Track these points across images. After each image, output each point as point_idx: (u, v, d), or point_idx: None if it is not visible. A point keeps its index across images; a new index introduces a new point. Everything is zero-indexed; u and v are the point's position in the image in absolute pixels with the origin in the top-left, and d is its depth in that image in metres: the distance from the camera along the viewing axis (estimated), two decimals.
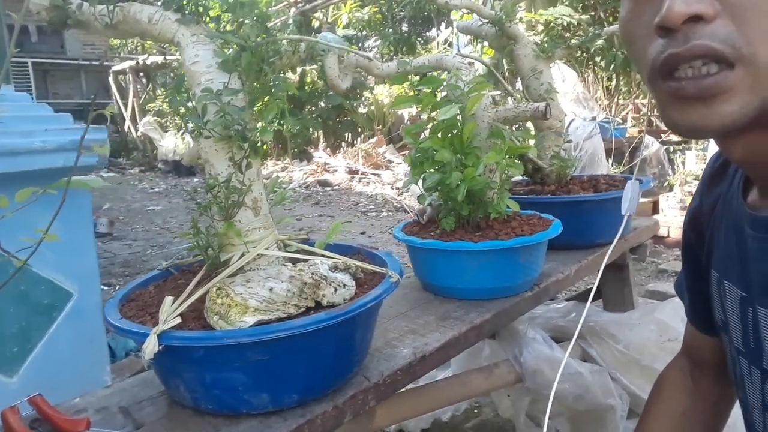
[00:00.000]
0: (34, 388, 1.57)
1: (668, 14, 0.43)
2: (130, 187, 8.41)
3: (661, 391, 0.86)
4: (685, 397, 0.82)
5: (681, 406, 0.82)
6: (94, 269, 1.65)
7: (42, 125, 1.46)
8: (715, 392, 0.80)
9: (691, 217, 0.74)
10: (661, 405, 0.85)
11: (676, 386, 0.84)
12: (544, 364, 1.28)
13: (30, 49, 9.97)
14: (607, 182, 1.50)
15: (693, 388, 0.82)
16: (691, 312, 0.79)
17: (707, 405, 0.80)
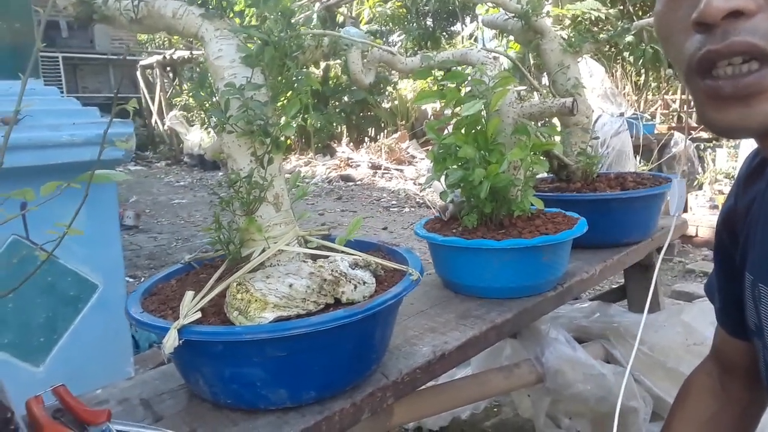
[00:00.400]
0: (60, 377, 1.60)
1: (707, 9, 0.41)
2: (157, 181, 8.55)
3: (687, 395, 0.84)
4: (713, 401, 0.80)
5: (708, 410, 0.80)
6: (119, 262, 1.67)
7: (70, 119, 1.48)
8: (745, 397, 0.77)
9: (724, 217, 0.71)
10: (687, 409, 0.83)
11: (704, 390, 0.82)
12: (566, 364, 1.27)
13: (61, 44, 10.18)
14: (634, 180, 1.47)
15: (721, 393, 0.80)
16: (722, 315, 0.77)
17: (736, 411, 0.78)
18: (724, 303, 0.75)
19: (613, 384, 1.28)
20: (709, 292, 0.80)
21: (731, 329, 0.75)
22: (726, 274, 0.73)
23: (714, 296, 0.78)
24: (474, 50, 1.19)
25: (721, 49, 0.42)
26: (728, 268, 0.71)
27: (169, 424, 0.74)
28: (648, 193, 1.32)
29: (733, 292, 0.69)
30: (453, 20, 11.44)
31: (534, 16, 1.34)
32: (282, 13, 0.79)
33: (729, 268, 0.71)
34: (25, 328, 1.48)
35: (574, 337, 1.46)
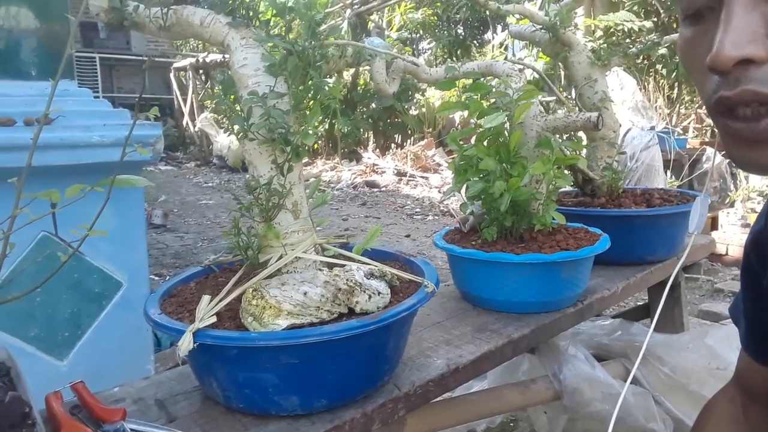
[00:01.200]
0: (82, 372, 1.64)
1: (717, 57, 0.41)
2: (186, 181, 8.69)
3: (708, 420, 0.82)
4: (734, 427, 0.78)
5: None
6: (144, 261, 1.70)
7: (101, 120, 1.52)
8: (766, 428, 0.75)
9: (754, 238, 0.69)
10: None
11: (725, 416, 0.80)
12: (584, 382, 1.24)
13: (98, 44, 10.46)
14: (661, 197, 1.44)
15: (743, 420, 0.77)
16: (747, 339, 0.74)
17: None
18: (749, 327, 0.73)
19: (633, 405, 1.25)
20: (734, 315, 0.78)
21: (756, 355, 0.72)
22: (753, 297, 0.70)
23: (739, 319, 0.75)
24: (499, 62, 1.19)
25: (733, 97, 0.42)
26: (755, 291, 0.69)
27: (182, 426, 0.75)
28: (674, 211, 1.29)
29: (759, 316, 0.67)
30: (484, 29, 11.41)
31: (562, 29, 1.33)
32: (306, 23, 0.80)
33: (756, 292, 0.69)
34: (51, 322, 1.52)
35: (594, 354, 1.43)
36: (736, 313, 0.77)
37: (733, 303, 0.78)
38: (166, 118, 11.75)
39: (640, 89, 4.20)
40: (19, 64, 1.54)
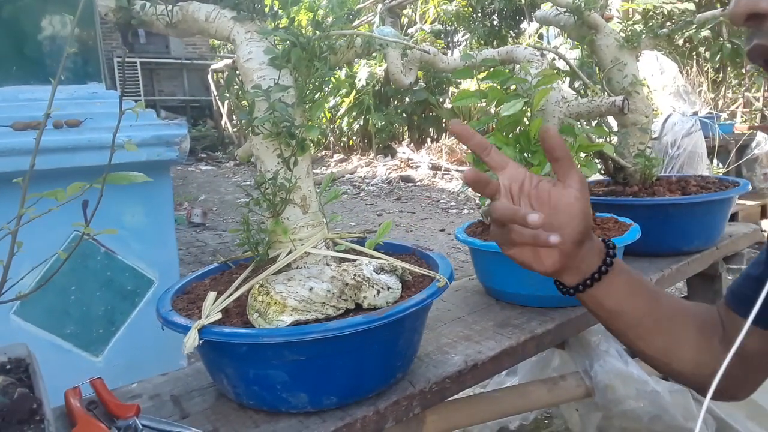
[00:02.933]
0: (117, 367, 1.69)
1: (730, 12, 0.43)
2: (225, 180, 8.87)
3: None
4: (709, 325, 0.69)
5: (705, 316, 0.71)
6: (174, 258, 1.73)
7: (128, 121, 1.55)
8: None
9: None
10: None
11: (711, 311, 0.72)
12: (616, 379, 1.19)
13: (139, 49, 10.78)
14: (698, 184, 1.37)
15: (719, 330, 0.69)
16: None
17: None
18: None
19: (669, 402, 1.20)
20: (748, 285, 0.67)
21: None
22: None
23: (749, 283, 0.65)
24: (520, 47, 1.15)
25: (749, 53, 0.43)
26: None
27: (195, 422, 0.75)
28: (710, 199, 1.22)
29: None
30: (519, 18, 11.19)
31: (587, 11, 1.27)
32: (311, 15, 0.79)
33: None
34: (86, 319, 1.57)
35: (629, 350, 1.38)
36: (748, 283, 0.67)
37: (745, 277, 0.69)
38: (206, 119, 12.00)
39: (682, 74, 4.02)
40: (49, 69, 1.59)
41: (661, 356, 0.70)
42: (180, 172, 9.24)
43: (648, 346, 0.69)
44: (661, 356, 0.70)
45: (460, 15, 11.02)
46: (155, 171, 1.59)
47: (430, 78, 8.97)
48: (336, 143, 10.48)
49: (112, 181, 0.58)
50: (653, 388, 1.20)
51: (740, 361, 0.66)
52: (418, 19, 10.94)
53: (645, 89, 1.36)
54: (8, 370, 0.69)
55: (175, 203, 5.17)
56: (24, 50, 1.57)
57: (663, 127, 3.38)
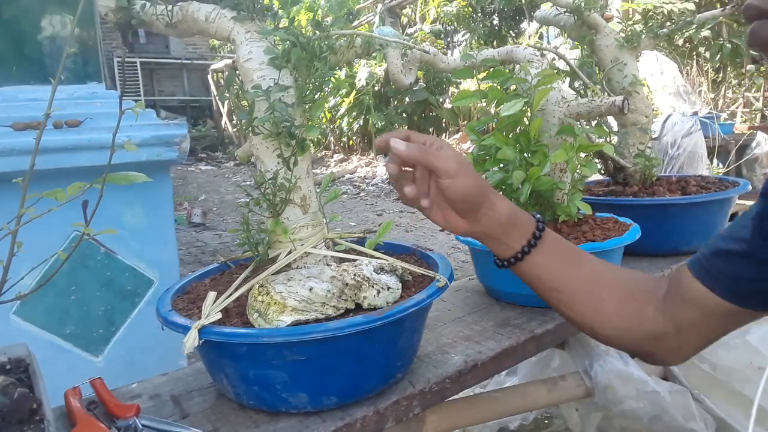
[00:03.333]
0: (117, 367, 1.68)
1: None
2: (225, 180, 8.87)
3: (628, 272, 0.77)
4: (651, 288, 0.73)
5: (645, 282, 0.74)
6: (174, 258, 1.73)
7: (128, 121, 1.55)
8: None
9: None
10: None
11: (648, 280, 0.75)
12: (616, 379, 1.19)
13: (139, 49, 10.78)
14: (698, 184, 1.37)
15: (659, 300, 0.71)
16: (732, 283, 0.65)
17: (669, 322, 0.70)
18: (737, 269, 0.64)
19: (669, 403, 1.20)
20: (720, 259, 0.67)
21: (723, 288, 0.65)
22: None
23: (732, 263, 0.65)
24: (520, 48, 1.15)
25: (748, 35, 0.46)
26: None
27: (194, 422, 0.75)
28: (710, 199, 1.22)
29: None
30: (519, 18, 11.19)
31: (587, 11, 1.27)
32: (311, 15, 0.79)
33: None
34: (86, 319, 1.57)
35: None
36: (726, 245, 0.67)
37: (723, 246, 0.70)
38: (206, 119, 12.00)
39: (682, 74, 4.02)
40: (49, 69, 1.58)
41: (585, 320, 0.74)
42: (180, 172, 9.24)
43: (570, 312, 0.74)
44: (585, 320, 0.74)
45: (460, 15, 11.02)
46: (155, 171, 1.59)
47: (430, 78, 8.97)
48: (336, 143, 10.48)
49: (112, 181, 0.58)
50: (653, 388, 1.20)
51: (678, 329, 0.69)
52: (418, 19, 10.94)
53: (645, 89, 1.36)
54: (8, 370, 0.69)
55: (175, 203, 5.17)
56: (24, 50, 1.57)
57: (663, 127, 3.38)
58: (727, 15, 1.29)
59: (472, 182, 0.70)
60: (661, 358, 0.75)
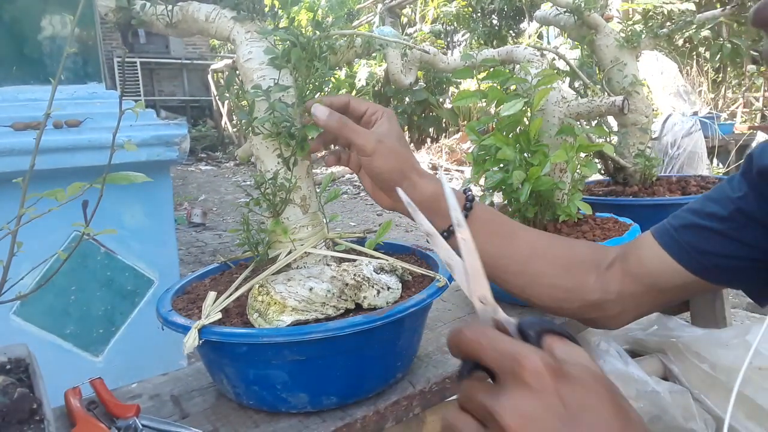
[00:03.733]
0: (117, 367, 1.69)
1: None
2: (225, 180, 8.87)
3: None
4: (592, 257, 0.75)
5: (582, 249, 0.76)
6: (174, 258, 1.73)
7: (128, 121, 1.55)
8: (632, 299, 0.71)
9: None
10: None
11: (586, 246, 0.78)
12: (616, 379, 1.19)
13: (139, 49, 10.79)
14: (698, 184, 1.37)
15: (602, 271, 0.73)
16: (699, 255, 0.66)
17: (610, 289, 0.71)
18: (701, 236, 0.66)
19: (669, 403, 1.20)
20: (681, 221, 0.69)
21: (693, 266, 0.66)
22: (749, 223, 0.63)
23: (687, 224, 0.68)
24: (520, 48, 1.15)
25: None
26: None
27: (194, 422, 0.75)
28: None
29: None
30: (519, 18, 11.20)
31: (587, 11, 1.27)
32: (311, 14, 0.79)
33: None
34: (86, 319, 1.57)
35: (630, 350, 1.38)
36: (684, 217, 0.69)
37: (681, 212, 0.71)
38: (206, 119, 11.99)
39: (682, 74, 4.02)
40: (49, 69, 1.59)
41: (519, 292, 0.76)
42: (180, 172, 9.24)
43: (505, 284, 0.76)
44: (519, 292, 0.76)
45: (460, 15, 11.02)
46: (155, 171, 1.59)
47: (430, 78, 8.97)
48: None
49: (112, 181, 0.58)
50: (653, 388, 1.20)
51: (620, 297, 0.71)
52: (418, 19, 10.94)
53: (645, 89, 1.36)
54: (8, 370, 0.69)
55: (175, 203, 5.16)
56: (24, 50, 1.57)
57: (663, 127, 3.38)
58: (727, 15, 1.30)
59: (390, 162, 0.71)
60: (603, 324, 0.77)
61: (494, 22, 11.24)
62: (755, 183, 0.63)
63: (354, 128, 0.71)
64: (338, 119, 0.71)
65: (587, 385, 0.37)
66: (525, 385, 0.36)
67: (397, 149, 0.73)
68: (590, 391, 0.37)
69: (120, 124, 0.87)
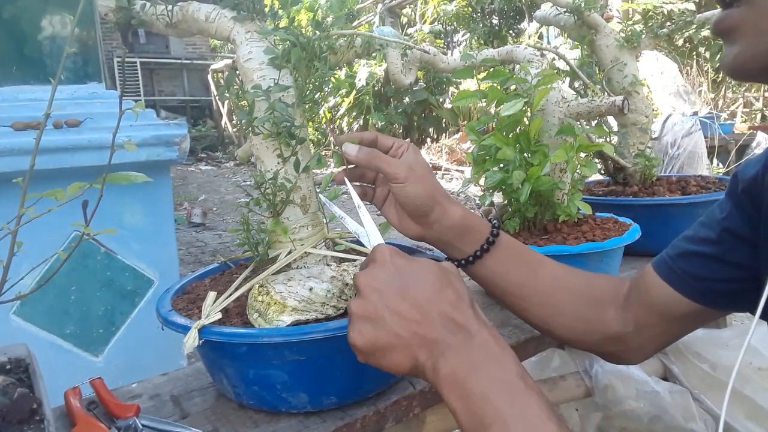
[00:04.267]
0: (117, 367, 1.69)
1: None
2: (225, 180, 8.87)
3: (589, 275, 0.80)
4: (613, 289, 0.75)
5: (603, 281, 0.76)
6: (174, 258, 1.74)
7: (128, 121, 1.55)
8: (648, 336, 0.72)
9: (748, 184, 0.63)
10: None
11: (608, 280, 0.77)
12: (616, 379, 1.19)
13: (139, 49, 10.79)
14: (698, 184, 1.37)
15: (621, 304, 0.73)
16: (696, 283, 0.66)
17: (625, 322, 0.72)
18: (696, 262, 0.66)
19: (669, 402, 1.20)
20: (678, 249, 0.70)
21: (693, 294, 0.67)
22: (735, 239, 0.64)
23: (683, 252, 0.68)
24: (520, 47, 1.15)
25: None
26: (743, 234, 0.63)
27: (194, 422, 0.75)
28: (710, 199, 1.22)
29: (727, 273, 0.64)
30: (519, 18, 11.20)
31: (587, 11, 1.27)
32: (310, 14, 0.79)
33: (744, 234, 0.63)
34: (86, 319, 1.57)
35: None
36: (681, 246, 0.70)
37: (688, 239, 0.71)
38: (206, 119, 11.99)
39: (683, 74, 4.02)
40: (49, 69, 1.59)
41: (542, 324, 0.76)
42: (180, 172, 9.24)
43: (526, 314, 0.76)
44: (542, 324, 0.76)
45: (459, 15, 11.03)
46: (155, 171, 1.59)
47: (430, 78, 8.97)
48: None
49: (112, 181, 0.58)
50: (653, 388, 1.20)
51: (639, 329, 0.71)
52: (417, 19, 10.94)
53: (645, 89, 1.36)
54: (8, 370, 0.69)
55: (175, 203, 5.16)
56: (24, 50, 1.57)
57: (663, 127, 3.38)
58: None
59: (422, 188, 0.72)
60: (624, 358, 0.76)
61: (494, 22, 11.24)
62: (740, 200, 0.63)
63: (385, 158, 0.72)
64: (368, 152, 0.72)
65: (421, 261, 0.58)
66: (372, 261, 0.59)
67: (428, 176, 0.74)
68: (422, 264, 0.57)
69: (120, 124, 0.87)
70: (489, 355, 0.52)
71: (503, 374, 0.51)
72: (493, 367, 0.52)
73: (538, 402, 0.49)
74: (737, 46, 0.48)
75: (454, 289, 0.56)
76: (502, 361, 0.52)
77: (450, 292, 0.55)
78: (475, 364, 0.51)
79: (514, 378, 0.51)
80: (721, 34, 0.50)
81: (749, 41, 0.47)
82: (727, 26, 0.49)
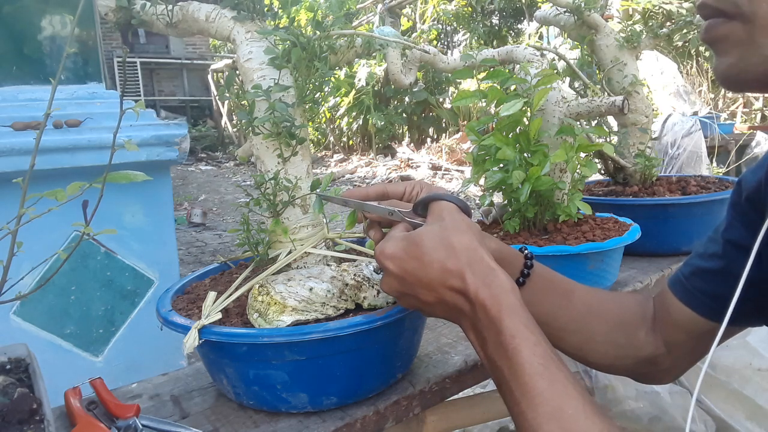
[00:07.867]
0: (117, 367, 1.68)
1: None
2: (225, 180, 8.87)
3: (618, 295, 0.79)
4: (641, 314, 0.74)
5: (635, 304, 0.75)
6: (174, 258, 1.73)
7: (128, 121, 1.55)
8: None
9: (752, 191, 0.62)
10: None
11: (637, 302, 0.76)
12: (616, 379, 1.20)
13: (139, 49, 10.79)
14: (698, 184, 1.37)
15: (650, 326, 0.72)
16: (711, 301, 0.66)
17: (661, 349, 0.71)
18: (710, 280, 0.66)
19: (669, 403, 1.20)
20: (691, 267, 0.69)
21: (707, 311, 0.66)
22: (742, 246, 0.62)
23: (697, 271, 0.67)
24: (520, 48, 1.15)
25: None
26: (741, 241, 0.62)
27: (194, 422, 0.75)
28: (710, 199, 1.22)
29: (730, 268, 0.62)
30: (520, 18, 11.20)
31: (587, 11, 1.27)
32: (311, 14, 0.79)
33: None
34: (86, 319, 1.57)
35: None
36: (693, 264, 0.69)
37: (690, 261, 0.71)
38: (206, 119, 11.99)
39: (682, 74, 4.02)
40: (49, 69, 1.59)
41: (576, 351, 0.74)
42: (180, 172, 9.24)
43: (561, 342, 0.73)
44: (576, 351, 0.74)
45: (459, 15, 11.02)
46: (155, 171, 1.59)
47: (430, 78, 8.97)
48: (336, 143, 10.48)
49: (112, 180, 0.58)
50: (653, 388, 1.20)
51: (669, 349, 0.71)
52: (417, 18, 10.94)
53: (645, 89, 1.36)
54: (8, 370, 0.69)
55: (175, 203, 5.16)
56: (24, 50, 1.57)
57: (663, 127, 3.38)
58: None
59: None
60: (657, 378, 0.76)
61: (494, 22, 11.24)
62: (743, 209, 0.63)
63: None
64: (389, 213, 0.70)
65: (427, 230, 0.60)
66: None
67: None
68: (427, 232, 0.59)
69: (120, 124, 0.87)
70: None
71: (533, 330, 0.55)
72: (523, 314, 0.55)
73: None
74: (730, 57, 0.48)
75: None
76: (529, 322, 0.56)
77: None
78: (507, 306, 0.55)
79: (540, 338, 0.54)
80: (711, 42, 0.49)
81: (742, 52, 0.46)
82: (719, 35, 0.48)
